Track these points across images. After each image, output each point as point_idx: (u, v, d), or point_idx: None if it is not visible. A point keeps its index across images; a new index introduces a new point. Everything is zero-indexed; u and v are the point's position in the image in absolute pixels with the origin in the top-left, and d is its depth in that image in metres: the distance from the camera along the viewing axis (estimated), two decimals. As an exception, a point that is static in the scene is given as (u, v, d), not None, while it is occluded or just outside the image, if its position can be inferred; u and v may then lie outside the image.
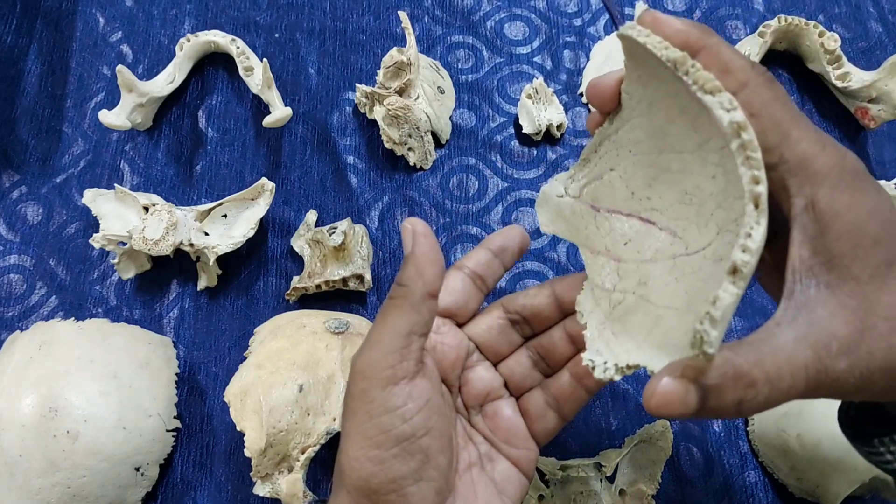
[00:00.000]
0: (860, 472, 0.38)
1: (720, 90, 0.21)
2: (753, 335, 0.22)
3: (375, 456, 0.26)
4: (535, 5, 0.57)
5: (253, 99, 0.54)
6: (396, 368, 0.26)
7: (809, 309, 0.22)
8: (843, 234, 0.22)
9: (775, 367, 0.21)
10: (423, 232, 0.27)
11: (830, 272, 0.22)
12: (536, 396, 0.32)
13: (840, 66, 0.51)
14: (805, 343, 0.21)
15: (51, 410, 0.39)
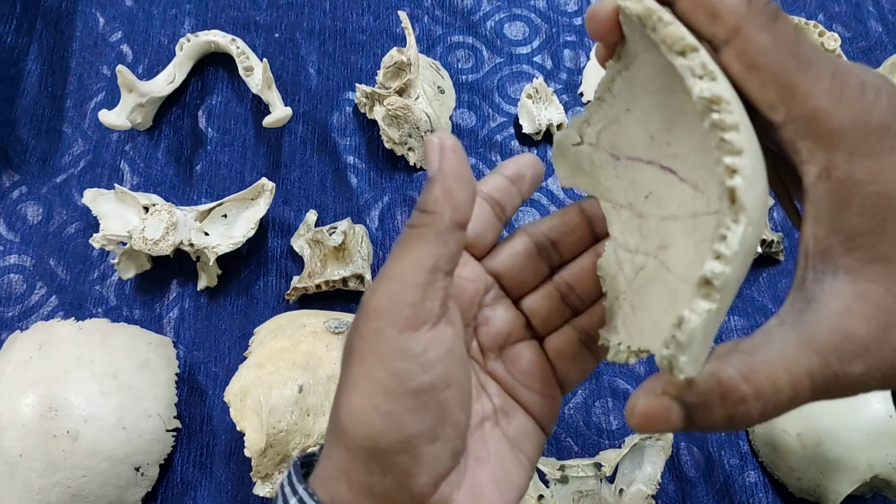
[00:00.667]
0: (860, 471, 0.38)
1: (693, 49, 0.18)
2: (751, 339, 0.19)
3: (387, 410, 0.21)
4: (535, 5, 0.57)
5: (253, 99, 0.54)
6: (418, 308, 0.22)
7: (820, 303, 0.19)
8: (867, 208, 0.18)
9: (769, 378, 0.18)
10: (453, 146, 0.22)
11: (851, 254, 0.18)
12: (569, 333, 0.27)
13: (840, 66, 0.51)
14: (810, 347, 0.18)
15: (51, 410, 0.39)
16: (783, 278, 0.49)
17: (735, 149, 0.17)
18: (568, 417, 0.45)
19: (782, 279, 0.49)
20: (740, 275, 0.18)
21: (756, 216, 0.18)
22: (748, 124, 0.18)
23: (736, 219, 0.17)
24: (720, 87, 0.18)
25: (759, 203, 0.18)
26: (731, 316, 0.47)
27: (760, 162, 0.18)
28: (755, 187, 0.18)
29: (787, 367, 0.18)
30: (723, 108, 0.17)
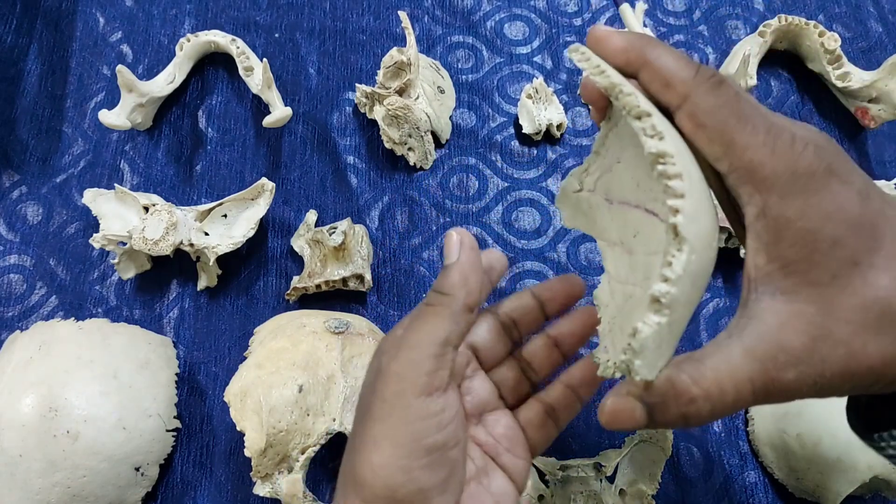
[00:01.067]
0: (860, 471, 0.38)
1: (647, 115, 0.22)
2: (703, 349, 0.22)
3: (406, 465, 0.24)
4: (535, 5, 0.57)
5: (253, 99, 0.54)
6: (433, 376, 0.25)
7: (760, 319, 0.22)
8: (798, 240, 0.21)
9: (716, 382, 0.21)
10: (471, 244, 0.27)
11: (787, 278, 0.22)
12: (536, 406, 0.31)
13: (840, 66, 0.51)
14: (751, 356, 0.21)
15: (51, 410, 0.39)
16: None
17: (677, 193, 0.21)
18: (568, 417, 0.45)
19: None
20: (690, 295, 0.22)
21: (699, 245, 0.21)
22: (693, 172, 0.22)
23: (679, 248, 0.21)
24: (666, 144, 0.21)
25: (703, 235, 0.21)
26: (731, 317, 0.47)
27: (704, 202, 0.22)
28: (698, 223, 0.21)
29: (732, 374, 0.21)
30: (667, 161, 0.21)
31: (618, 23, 0.56)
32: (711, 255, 0.22)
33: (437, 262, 0.49)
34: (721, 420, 0.45)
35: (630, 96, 0.22)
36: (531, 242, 0.50)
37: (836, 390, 0.22)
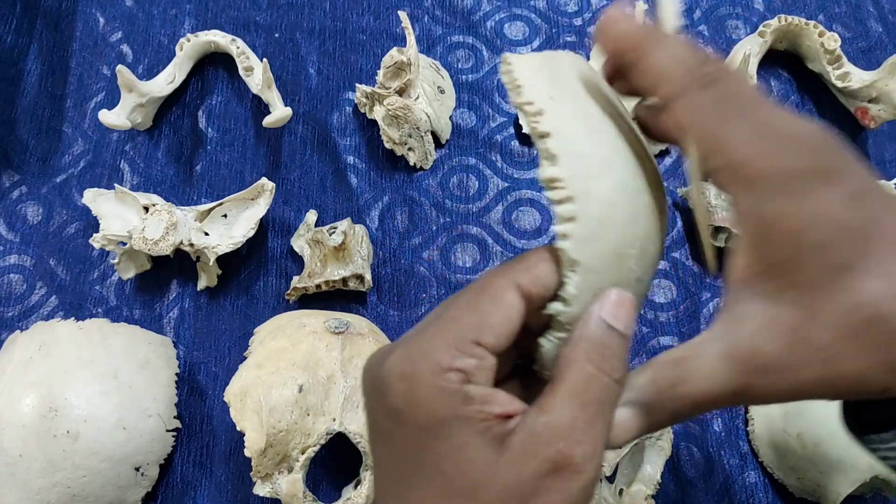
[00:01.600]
0: (860, 471, 0.38)
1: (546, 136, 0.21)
2: (683, 350, 0.22)
3: None
4: (535, 5, 0.57)
5: (253, 99, 0.54)
6: None
7: (739, 322, 0.21)
8: (782, 242, 0.20)
9: (695, 385, 0.21)
10: None
11: (770, 281, 0.21)
12: None
13: (840, 66, 0.51)
14: (728, 359, 0.21)
15: (51, 410, 0.39)
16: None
17: (563, 217, 0.21)
18: (568, 417, 0.45)
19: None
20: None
21: (598, 264, 0.22)
22: (599, 187, 0.22)
23: (573, 269, 0.21)
24: (556, 168, 0.21)
25: (602, 253, 0.22)
26: None
27: (604, 220, 0.22)
28: (595, 242, 0.21)
29: (710, 376, 0.21)
30: (556, 185, 0.21)
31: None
32: (631, 263, 0.22)
33: (438, 263, 0.49)
34: (721, 420, 0.45)
35: (534, 117, 0.22)
36: (531, 242, 0.50)
37: (815, 396, 0.21)
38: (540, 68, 0.24)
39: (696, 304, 0.48)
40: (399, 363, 0.22)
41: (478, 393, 0.21)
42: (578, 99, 0.23)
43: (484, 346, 0.21)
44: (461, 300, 0.22)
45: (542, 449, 0.20)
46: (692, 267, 0.49)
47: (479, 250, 0.50)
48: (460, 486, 0.21)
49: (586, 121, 0.23)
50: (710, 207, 0.47)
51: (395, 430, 0.22)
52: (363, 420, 0.38)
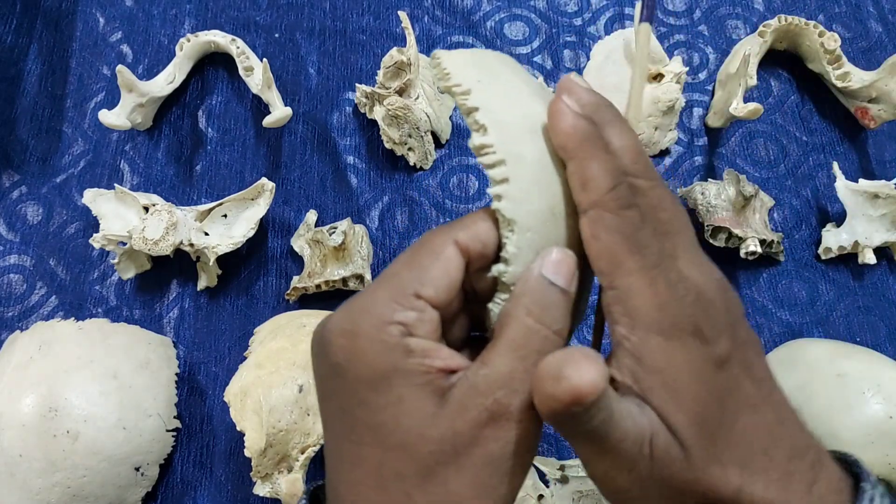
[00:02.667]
0: (860, 472, 0.38)
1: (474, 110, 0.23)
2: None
3: None
4: (535, 5, 0.57)
5: (253, 99, 0.54)
6: None
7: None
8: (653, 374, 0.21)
9: None
10: None
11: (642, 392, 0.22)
12: None
13: (840, 66, 0.51)
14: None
15: (51, 410, 0.39)
16: (783, 279, 0.49)
17: (497, 180, 0.22)
18: (568, 417, 0.45)
19: (782, 280, 0.49)
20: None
21: (535, 222, 0.22)
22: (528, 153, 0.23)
23: (511, 229, 0.22)
24: (487, 136, 0.22)
25: (538, 212, 0.22)
26: None
27: (537, 180, 0.23)
28: (530, 201, 0.22)
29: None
30: (487, 151, 0.22)
31: (617, 23, 0.57)
32: (553, 231, 0.23)
33: (437, 262, 0.49)
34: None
35: (462, 95, 0.23)
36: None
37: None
38: (467, 59, 0.25)
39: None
40: (341, 321, 0.22)
41: (419, 346, 0.21)
42: (504, 81, 0.25)
43: (424, 298, 0.22)
44: (401, 258, 0.23)
45: (479, 399, 0.21)
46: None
47: (479, 250, 0.50)
48: (398, 439, 0.21)
49: (514, 96, 0.24)
50: (710, 207, 0.47)
51: (337, 387, 0.22)
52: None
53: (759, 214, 0.48)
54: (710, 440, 0.21)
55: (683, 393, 0.21)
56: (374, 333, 0.21)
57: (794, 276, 0.49)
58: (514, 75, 0.26)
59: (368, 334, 0.21)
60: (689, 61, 0.55)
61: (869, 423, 0.39)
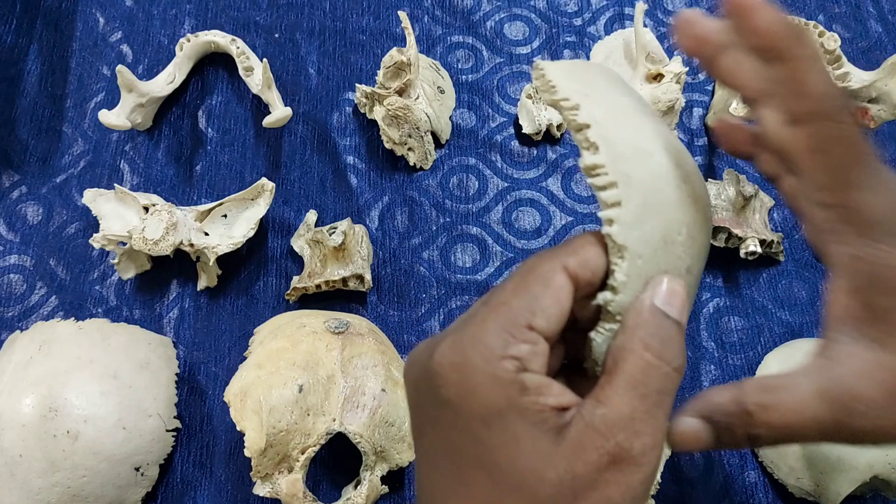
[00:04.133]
0: (860, 471, 0.38)
1: (585, 126, 0.22)
2: (776, 379, 0.22)
3: None
4: (535, 5, 0.57)
5: (253, 99, 0.54)
6: None
7: (840, 363, 0.21)
8: (892, 290, 0.21)
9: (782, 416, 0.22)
10: None
11: (874, 326, 0.21)
12: None
13: (840, 66, 0.51)
14: (823, 397, 0.21)
15: (51, 410, 0.39)
16: (783, 279, 0.49)
17: (608, 203, 0.21)
18: (568, 417, 0.45)
19: (782, 280, 0.49)
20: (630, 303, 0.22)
21: (646, 250, 0.21)
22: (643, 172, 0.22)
23: (621, 256, 0.21)
24: (599, 156, 0.21)
25: (650, 239, 0.21)
26: (731, 316, 0.47)
27: (650, 205, 0.22)
28: (642, 226, 0.21)
29: (799, 411, 0.21)
30: (599, 172, 0.21)
31: (617, 23, 0.57)
32: (679, 250, 0.22)
33: (437, 263, 0.49)
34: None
35: (571, 111, 0.22)
36: (531, 242, 0.50)
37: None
38: (570, 70, 0.24)
39: (696, 305, 0.48)
40: (450, 352, 0.21)
41: (533, 382, 0.20)
42: (611, 95, 0.24)
43: (537, 330, 0.20)
44: (508, 285, 0.21)
45: (600, 442, 0.20)
46: (692, 267, 0.49)
47: (479, 250, 0.50)
48: (515, 480, 0.20)
49: (622, 112, 0.23)
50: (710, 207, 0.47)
51: (446, 421, 0.21)
52: (363, 420, 0.38)
53: (759, 214, 0.48)
54: None
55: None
56: (488, 368, 0.20)
57: (794, 276, 0.49)
58: (618, 88, 0.25)
59: (481, 368, 0.20)
60: (689, 61, 0.55)
61: (869, 423, 0.39)
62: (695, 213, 0.23)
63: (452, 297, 0.48)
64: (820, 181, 0.21)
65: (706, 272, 0.49)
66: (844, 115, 0.21)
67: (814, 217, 0.22)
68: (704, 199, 0.24)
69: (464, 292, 0.48)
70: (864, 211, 0.21)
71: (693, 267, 0.23)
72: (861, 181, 0.21)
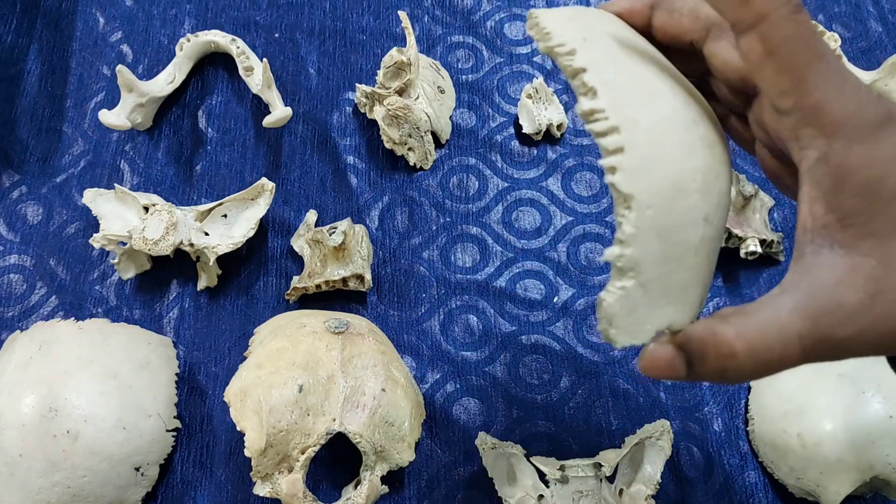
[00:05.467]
0: (860, 471, 0.38)
1: (581, 71, 0.21)
2: (754, 304, 0.21)
3: None
4: (534, 5, 0.57)
5: (253, 99, 0.54)
6: None
7: (815, 274, 0.21)
8: (860, 190, 0.20)
9: (762, 337, 0.20)
10: None
11: (846, 230, 0.20)
12: None
13: (840, 66, 0.51)
14: (802, 312, 0.20)
15: (51, 410, 0.39)
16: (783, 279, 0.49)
17: (609, 149, 0.20)
18: (568, 417, 0.45)
19: (781, 279, 0.49)
20: (667, 248, 0.20)
21: (656, 199, 0.20)
22: (647, 116, 0.20)
23: (628, 206, 0.20)
24: (598, 100, 0.20)
25: (659, 186, 0.20)
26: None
27: (657, 150, 0.20)
28: (650, 173, 0.20)
29: (780, 330, 0.20)
30: (598, 117, 0.20)
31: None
32: (694, 198, 0.21)
33: (437, 262, 0.49)
34: (721, 420, 0.45)
35: (567, 56, 0.21)
36: (531, 242, 0.50)
37: (894, 349, 0.21)
38: (568, 16, 0.23)
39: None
40: None
41: None
42: (611, 40, 0.22)
43: None
44: None
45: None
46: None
47: (479, 250, 0.50)
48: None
49: (623, 56, 0.22)
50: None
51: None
52: (363, 420, 0.38)
53: (759, 214, 0.48)
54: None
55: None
56: None
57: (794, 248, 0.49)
58: (621, 32, 0.23)
59: None
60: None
61: (869, 423, 0.39)
62: (710, 159, 0.22)
63: (452, 296, 0.48)
64: (779, 87, 0.20)
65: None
66: (793, 13, 0.19)
67: (779, 129, 0.21)
68: (720, 144, 0.23)
69: (464, 292, 0.48)
70: (826, 111, 0.20)
71: (712, 216, 0.22)
72: (820, 81, 0.20)
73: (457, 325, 0.47)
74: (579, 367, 0.46)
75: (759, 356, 0.21)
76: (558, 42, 0.21)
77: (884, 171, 0.20)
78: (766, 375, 0.21)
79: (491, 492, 0.41)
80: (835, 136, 0.20)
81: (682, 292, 0.22)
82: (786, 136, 0.21)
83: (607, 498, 0.40)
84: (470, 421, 0.45)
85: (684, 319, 0.22)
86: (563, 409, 0.45)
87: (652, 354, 0.22)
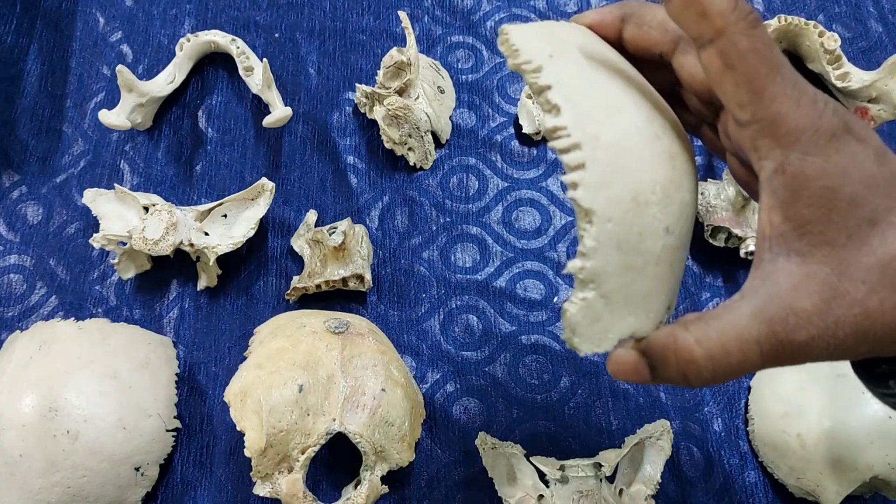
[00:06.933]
0: (860, 471, 0.38)
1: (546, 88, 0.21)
2: (714, 310, 0.22)
3: None
4: (534, 5, 0.58)
5: (253, 99, 0.54)
6: None
7: (773, 280, 0.21)
8: (815, 200, 0.21)
9: (720, 343, 0.21)
10: None
11: (802, 238, 0.21)
12: None
13: (840, 66, 0.51)
14: (759, 318, 0.21)
15: (51, 410, 0.39)
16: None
17: (571, 166, 0.20)
18: (568, 417, 0.45)
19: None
20: (627, 259, 0.21)
21: (615, 212, 0.21)
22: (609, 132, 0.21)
23: (589, 220, 0.20)
24: (561, 118, 0.21)
25: (618, 200, 0.21)
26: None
27: (617, 165, 0.21)
28: (608, 190, 0.20)
29: (738, 335, 0.21)
30: (560, 135, 0.20)
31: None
32: (654, 210, 0.22)
33: (437, 262, 0.49)
34: (721, 420, 0.45)
35: (533, 73, 0.21)
36: (531, 242, 0.50)
37: (850, 352, 0.21)
38: (537, 33, 0.23)
39: (696, 305, 0.48)
40: None
41: None
42: (579, 55, 0.23)
43: None
44: None
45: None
46: (692, 267, 0.49)
47: (479, 250, 0.50)
48: None
49: (589, 72, 0.22)
50: (710, 207, 0.47)
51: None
52: (363, 420, 0.38)
53: (758, 214, 0.48)
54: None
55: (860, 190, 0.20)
56: None
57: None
58: (591, 46, 0.24)
59: None
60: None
61: (869, 423, 0.39)
62: (671, 171, 0.22)
63: (452, 296, 0.48)
64: (737, 99, 0.21)
65: (706, 272, 0.49)
66: (750, 27, 0.20)
67: (740, 140, 0.22)
68: (684, 155, 0.24)
69: (464, 292, 0.48)
70: (783, 122, 0.20)
71: (673, 227, 0.22)
72: (776, 93, 0.20)
73: (457, 325, 0.47)
74: (579, 367, 0.46)
75: (718, 361, 0.21)
76: (525, 59, 0.22)
77: (838, 182, 0.20)
78: (729, 379, 0.22)
79: (491, 492, 0.41)
80: (791, 147, 0.20)
81: (644, 301, 0.23)
82: (746, 146, 0.22)
83: (607, 498, 0.40)
84: (470, 421, 0.45)
85: (647, 327, 0.23)
86: (563, 409, 0.45)
87: (618, 359, 0.23)
